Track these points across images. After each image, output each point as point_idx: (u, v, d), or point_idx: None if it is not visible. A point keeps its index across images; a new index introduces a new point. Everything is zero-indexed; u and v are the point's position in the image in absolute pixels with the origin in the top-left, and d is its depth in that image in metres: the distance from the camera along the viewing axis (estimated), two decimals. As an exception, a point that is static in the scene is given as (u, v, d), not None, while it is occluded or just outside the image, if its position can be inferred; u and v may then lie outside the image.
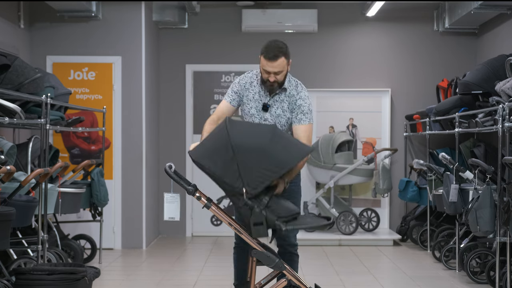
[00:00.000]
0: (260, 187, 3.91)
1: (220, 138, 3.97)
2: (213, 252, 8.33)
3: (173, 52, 9.61)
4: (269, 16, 9.30)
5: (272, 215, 3.96)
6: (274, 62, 4.55)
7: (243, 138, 3.94)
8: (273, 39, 4.68)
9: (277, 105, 4.72)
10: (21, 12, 8.07)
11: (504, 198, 5.53)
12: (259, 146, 3.92)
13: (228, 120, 4.04)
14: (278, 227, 3.94)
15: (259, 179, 3.89)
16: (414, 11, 9.54)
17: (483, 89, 6.88)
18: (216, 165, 3.92)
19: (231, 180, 3.91)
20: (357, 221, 8.81)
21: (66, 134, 8.36)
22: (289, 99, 4.72)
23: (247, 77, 4.82)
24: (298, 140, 4.30)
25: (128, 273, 7.01)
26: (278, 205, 4.03)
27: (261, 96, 4.74)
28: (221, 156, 3.92)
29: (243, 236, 4.10)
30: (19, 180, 5.65)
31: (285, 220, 3.98)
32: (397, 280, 6.70)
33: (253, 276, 4.24)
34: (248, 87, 4.77)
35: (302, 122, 4.67)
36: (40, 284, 4.93)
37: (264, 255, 4.05)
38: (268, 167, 3.90)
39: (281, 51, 4.57)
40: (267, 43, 4.63)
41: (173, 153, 9.53)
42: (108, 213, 8.24)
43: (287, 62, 4.65)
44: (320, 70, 9.62)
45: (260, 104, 4.73)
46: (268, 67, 4.58)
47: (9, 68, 5.82)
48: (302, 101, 4.71)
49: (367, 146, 9.48)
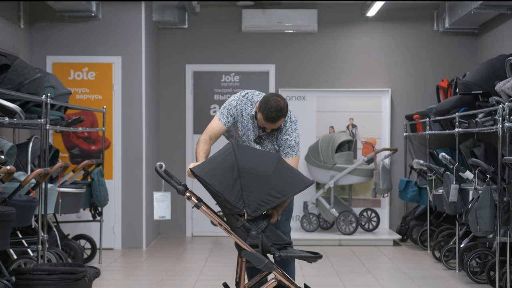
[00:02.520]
0: (260, 211, 4.10)
1: (226, 159, 4.13)
2: (213, 252, 8.33)
3: (173, 52, 9.61)
4: (269, 16, 9.30)
5: (267, 240, 4.14)
6: (273, 124, 4.51)
7: (249, 163, 4.12)
8: (273, 96, 4.48)
9: (268, 139, 4.71)
10: (21, 12, 8.07)
11: (504, 198, 5.53)
12: (263, 173, 4.10)
13: (235, 143, 4.21)
14: (272, 252, 4.12)
15: (260, 203, 4.09)
16: (414, 11, 9.54)
17: (483, 89, 6.88)
18: (222, 184, 4.07)
19: (234, 200, 4.07)
20: (357, 221, 8.81)
21: (66, 134, 8.36)
22: (279, 132, 4.67)
23: (243, 102, 4.69)
24: (299, 172, 4.38)
25: (128, 273, 7.01)
26: (273, 232, 4.20)
27: (254, 128, 4.69)
28: (227, 176, 4.08)
29: (232, 236, 4.18)
30: (19, 180, 5.65)
31: (279, 247, 4.16)
32: (397, 280, 6.70)
33: (242, 276, 4.28)
34: (243, 114, 4.69)
35: (289, 156, 4.65)
36: (40, 284, 4.93)
37: (254, 256, 4.13)
38: (270, 193, 4.09)
39: (281, 114, 4.46)
40: (268, 102, 4.45)
41: (173, 153, 9.53)
42: (108, 213, 8.24)
43: (284, 119, 4.56)
44: (320, 70, 9.62)
45: (252, 134, 4.70)
46: (266, 126, 4.55)
47: (9, 68, 5.82)
48: (288, 136, 4.65)
49: (367, 146, 9.48)
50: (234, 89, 9.58)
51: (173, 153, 9.54)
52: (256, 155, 4.27)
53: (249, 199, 4.07)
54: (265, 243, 4.13)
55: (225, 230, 4.21)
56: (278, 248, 4.15)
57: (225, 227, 4.21)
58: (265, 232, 4.15)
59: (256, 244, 4.11)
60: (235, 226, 4.14)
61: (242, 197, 4.06)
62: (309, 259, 4.23)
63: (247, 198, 4.07)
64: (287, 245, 4.22)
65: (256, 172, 4.09)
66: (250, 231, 4.11)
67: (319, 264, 7.29)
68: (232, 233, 4.17)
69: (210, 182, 4.06)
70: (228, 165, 4.10)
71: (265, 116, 4.44)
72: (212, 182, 4.06)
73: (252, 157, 4.19)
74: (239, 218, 4.11)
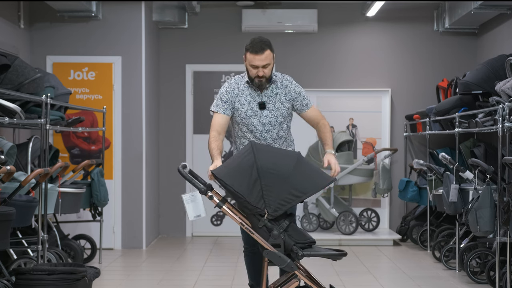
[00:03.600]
0: (281, 210, 4.08)
1: (246, 160, 4.13)
2: (213, 252, 8.33)
3: (173, 52, 9.61)
4: (269, 16, 9.30)
5: (289, 240, 4.10)
6: (261, 55, 4.69)
7: (269, 162, 4.11)
8: (256, 36, 4.81)
9: (273, 100, 4.82)
10: (21, 12, 8.07)
11: (504, 198, 5.53)
12: (283, 172, 4.09)
13: (253, 143, 4.22)
14: (295, 251, 4.08)
15: (281, 203, 4.07)
16: (414, 11, 9.54)
17: (483, 89, 6.87)
18: (241, 185, 4.06)
19: (254, 200, 4.05)
20: (357, 221, 8.81)
21: (66, 134, 8.36)
22: (284, 90, 4.84)
23: (232, 83, 4.88)
24: (320, 169, 4.40)
25: (128, 273, 7.01)
26: (296, 231, 4.17)
27: (253, 97, 4.82)
28: (246, 177, 4.07)
29: (254, 236, 4.15)
30: (19, 180, 5.65)
31: (302, 246, 4.12)
32: (397, 280, 6.70)
33: (264, 276, 4.26)
34: (237, 92, 4.82)
35: (309, 106, 4.90)
36: (40, 284, 4.93)
37: (276, 256, 4.10)
38: (290, 192, 4.07)
39: (266, 44, 4.72)
40: (251, 40, 4.78)
41: (173, 153, 9.53)
42: (108, 213, 8.24)
43: (273, 55, 4.76)
44: (320, 70, 9.62)
45: (255, 104, 4.80)
46: (256, 61, 4.70)
47: (9, 68, 5.82)
48: (299, 89, 4.89)
49: (367, 146, 9.48)
50: (234, 89, 9.57)
51: (173, 153, 9.54)
52: (276, 155, 4.26)
53: (269, 199, 4.05)
54: (288, 242, 4.09)
55: (247, 230, 4.18)
56: (302, 247, 4.11)
57: (247, 227, 4.19)
58: (287, 231, 4.12)
59: (278, 244, 4.08)
60: (256, 226, 4.12)
61: (263, 197, 4.05)
62: (333, 257, 4.18)
63: (268, 198, 4.05)
64: (311, 243, 4.18)
65: (276, 172, 4.08)
66: (272, 230, 4.08)
67: (319, 264, 7.30)
68: (254, 233, 4.15)
69: (230, 184, 4.06)
70: (247, 166, 4.09)
71: (251, 49, 4.69)
72: (232, 183, 4.05)
73: (271, 157, 4.18)
74: (261, 218, 4.09)
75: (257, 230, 4.12)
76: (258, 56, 4.68)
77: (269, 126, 4.80)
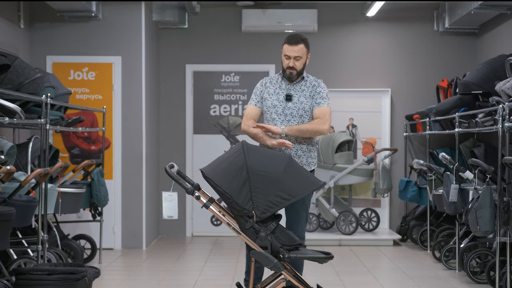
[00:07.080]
0: (269, 213, 4.07)
1: (236, 160, 4.13)
2: (213, 252, 8.33)
3: (173, 52, 9.61)
4: (269, 16, 9.30)
5: (276, 242, 4.09)
6: (295, 46, 5.07)
7: (259, 164, 4.12)
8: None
9: (299, 94, 5.12)
10: (21, 12, 8.07)
11: (504, 198, 5.53)
12: (273, 174, 4.10)
13: (244, 143, 4.22)
14: (281, 253, 4.07)
15: (269, 205, 4.06)
16: (414, 11, 9.54)
17: (483, 89, 6.87)
18: (230, 186, 4.05)
19: (243, 202, 4.05)
20: (357, 221, 8.81)
21: (66, 134, 8.36)
22: (311, 88, 5.14)
23: (266, 78, 5.28)
24: (310, 173, 4.43)
25: (128, 273, 7.01)
26: (283, 233, 4.16)
27: (282, 89, 5.15)
28: (236, 177, 4.07)
29: (241, 236, 4.14)
30: (19, 180, 5.65)
31: (289, 248, 4.11)
32: (397, 280, 6.70)
33: (251, 276, 4.26)
34: (269, 85, 5.19)
35: (320, 105, 5.10)
36: (40, 284, 4.93)
37: (263, 256, 4.08)
38: (278, 195, 4.07)
39: (302, 39, 5.13)
40: (290, 34, 5.24)
41: (173, 153, 9.53)
42: (108, 213, 8.24)
43: (307, 52, 5.14)
44: (320, 70, 9.60)
45: (281, 95, 5.12)
46: (289, 51, 5.07)
47: (9, 68, 5.82)
48: (321, 89, 5.16)
49: (367, 146, 9.48)
50: (234, 89, 9.58)
51: (173, 153, 9.54)
52: (266, 156, 4.25)
53: (258, 201, 4.04)
54: (275, 244, 4.08)
55: (234, 230, 4.17)
56: (288, 249, 4.10)
57: (234, 227, 4.17)
58: (274, 233, 4.11)
59: (265, 246, 4.07)
60: (244, 227, 4.11)
61: (251, 199, 4.04)
62: (319, 260, 4.19)
63: (256, 200, 4.05)
64: (298, 246, 4.18)
65: (265, 174, 4.08)
66: (259, 232, 4.07)
67: (319, 264, 7.28)
68: (241, 233, 4.14)
69: (218, 183, 4.04)
70: (237, 167, 4.09)
71: (287, 40, 5.10)
72: (220, 183, 4.04)
73: (261, 158, 4.17)
74: (248, 219, 4.08)
75: (244, 231, 4.11)
76: (291, 47, 5.07)
77: (290, 117, 5.06)
